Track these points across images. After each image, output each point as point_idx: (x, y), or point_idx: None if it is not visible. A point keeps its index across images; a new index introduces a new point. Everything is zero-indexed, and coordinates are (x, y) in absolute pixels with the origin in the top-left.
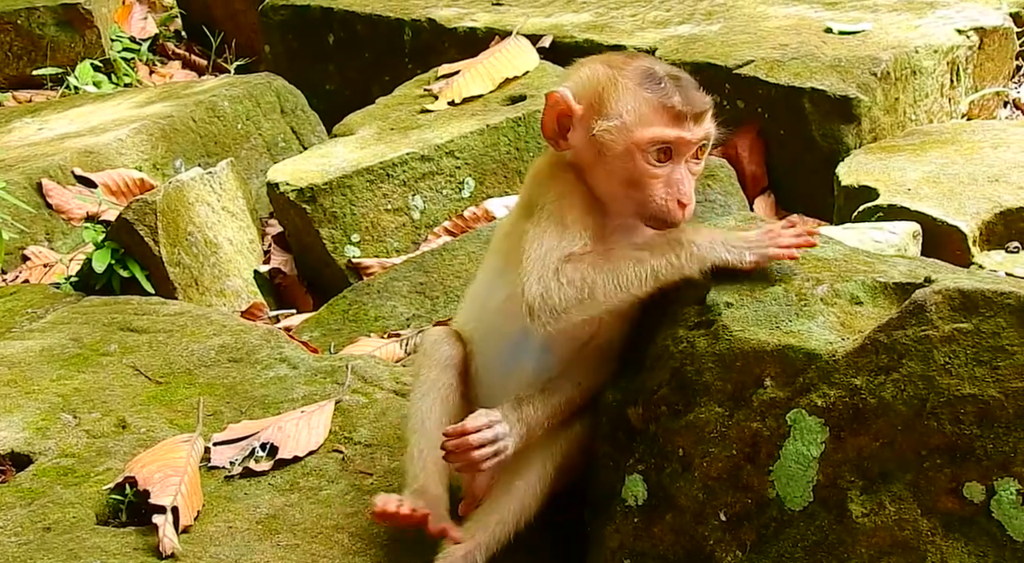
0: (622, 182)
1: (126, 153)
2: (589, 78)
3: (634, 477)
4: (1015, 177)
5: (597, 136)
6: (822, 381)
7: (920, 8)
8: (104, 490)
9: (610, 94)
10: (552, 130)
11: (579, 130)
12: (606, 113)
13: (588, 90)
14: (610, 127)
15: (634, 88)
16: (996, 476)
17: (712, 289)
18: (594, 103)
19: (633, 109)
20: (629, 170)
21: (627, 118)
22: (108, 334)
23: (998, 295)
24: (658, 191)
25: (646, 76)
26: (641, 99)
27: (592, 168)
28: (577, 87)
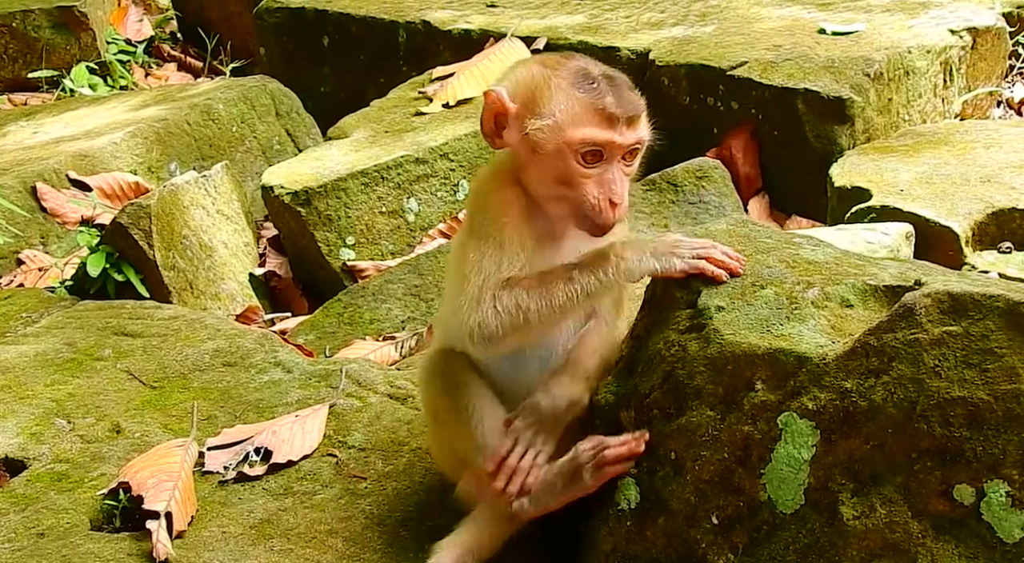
0: (555, 181)
1: (121, 156)
2: (524, 77)
3: (627, 481)
4: (1007, 177)
5: (530, 135)
6: (813, 384)
7: (913, 8)
8: (98, 496)
9: (543, 93)
10: (489, 128)
11: (513, 129)
12: (539, 112)
13: (523, 89)
14: (542, 126)
15: (567, 88)
16: (986, 478)
17: (703, 292)
18: (528, 102)
19: (565, 109)
20: (561, 169)
21: (559, 117)
22: (102, 339)
23: (987, 298)
24: (590, 191)
25: (580, 76)
26: (574, 99)
27: (526, 167)
28: (512, 86)
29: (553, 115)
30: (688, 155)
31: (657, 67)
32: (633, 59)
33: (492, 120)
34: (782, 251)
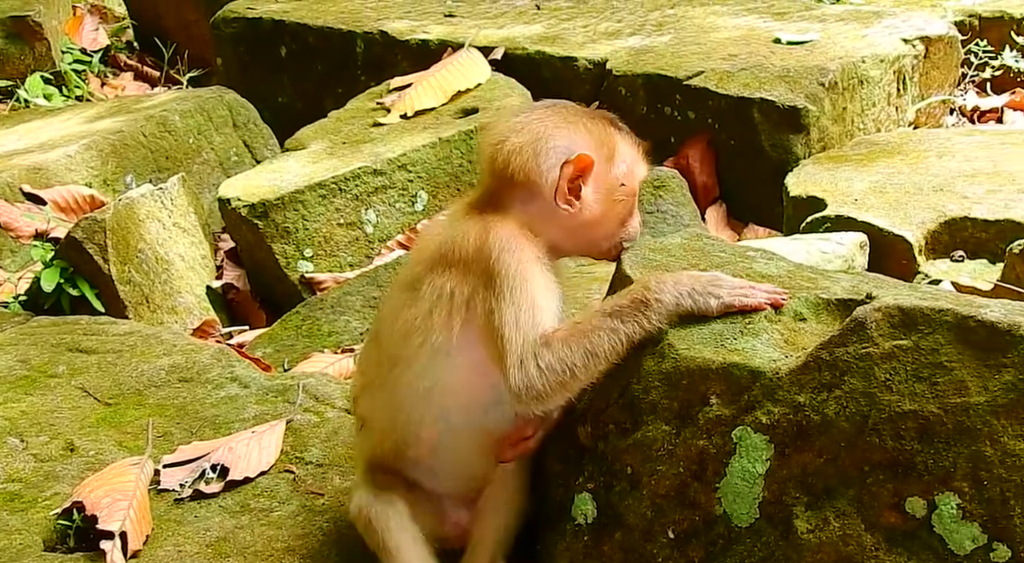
0: (619, 222)
1: (76, 169)
2: (588, 133)
3: (583, 495)
4: (959, 186)
5: (614, 183)
6: (766, 398)
7: (867, 18)
8: (51, 516)
9: (613, 143)
10: (565, 193)
11: (593, 183)
12: (614, 161)
13: (595, 143)
14: (617, 176)
15: (617, 134)
16: (937, 491)
17: None
18: (607, 155)
19: (631, 153)
20: (631, 206)
21: (630, 163)
22: (56, 355)
23: (936, 312)
24: (629, 218)
25: (618, 124)
26: (628, 143)
27: (592, 220)
28: (584, 143)
29: (626, 161)
30: None
31: (614, 77)
32: (590, 69)
33: (572, 180)
34: (736, 265)
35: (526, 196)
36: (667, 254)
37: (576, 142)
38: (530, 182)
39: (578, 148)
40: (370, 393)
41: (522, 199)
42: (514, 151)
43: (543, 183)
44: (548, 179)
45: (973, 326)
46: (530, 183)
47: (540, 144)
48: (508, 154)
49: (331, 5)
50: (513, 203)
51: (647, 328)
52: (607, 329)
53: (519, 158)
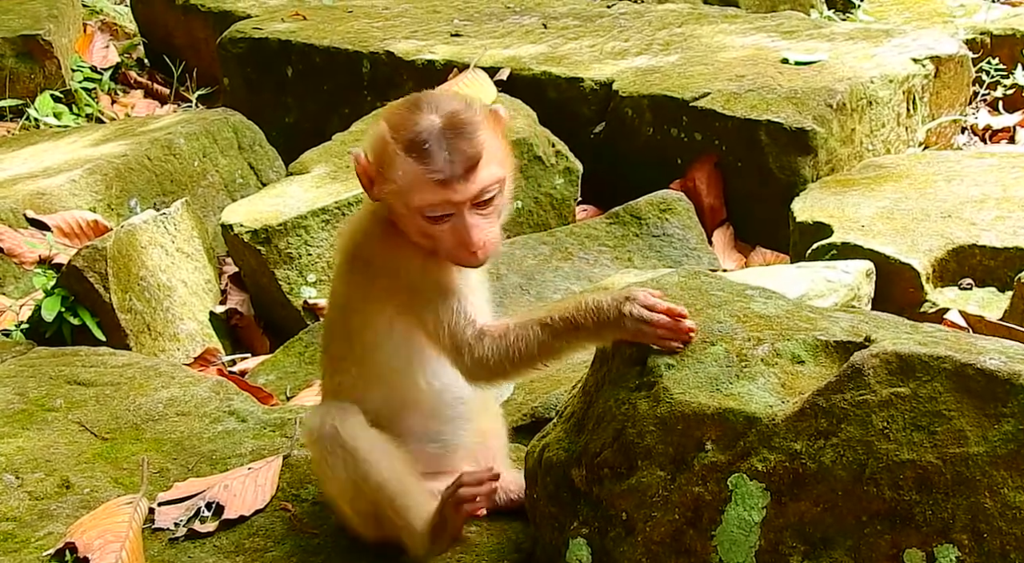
0: (418, 235)
1: (79, 194)
2: (373, 138)
3: (578, 540)
4: (968, 212)
5: (384, 198)
6: (763, 445)
7: (876, 36)
8: (44, 556)
9: (385, 158)
10: (364, 184)
11: (376, 188)
12: (384, 176)
13: (373, 151)
14: (389, 191)
15: (401, 154)
16: (936, 542)
17: (653, 349)
18: (377, 165)
19: (402, 175)
20: (416, 226)
21: (399, 183)
22: (54, 388)
23: (934, 359)
24: (447, 243)
25: (411, 140)
26: (407, 166)
27: (397, 221)
28: (367, 146)
29: (395, 181)
30: (652, 187)
31: (621, 98)
32: (596, 90)
33: (362, 178)
34: (733, 305)
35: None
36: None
37: (368, 145)
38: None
39: (363, 151)
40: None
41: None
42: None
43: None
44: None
45: (972, 374)
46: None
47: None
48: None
49: (338, 25)
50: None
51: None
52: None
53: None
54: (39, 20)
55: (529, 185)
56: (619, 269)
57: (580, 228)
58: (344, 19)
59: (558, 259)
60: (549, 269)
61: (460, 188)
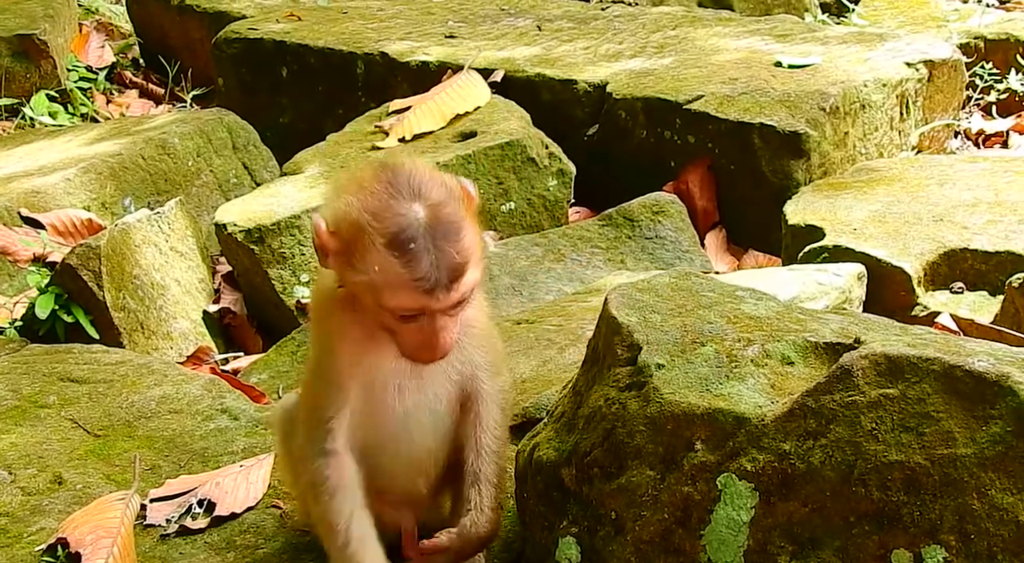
0: (376, 324)
1: (74, 193)
2: (345, 215)
3: (568, 539)
4: (959, 216)
5: (348, 285)
6: (751, 445)
7: (869, 41)
8: (36, 551)
9: (359, 244)
10: (320, 248)
11: (335, 263)
12: (355, 264)
13: (343, 229)
14: (359, 281)
15: (382, 250)
16: (923, 543)
17: (643, 349)
18: (346, 247)
19: (380, 271)
20: (379, 319)
21: (374, 277)
22: (47, 385)
23: (923, 361)
24: (409, 341)
25: (396, 237)
26: (388, 264)
27: (357, 301)
28: (334, 221)
29: (367, 273)
30: (645, 189)
31: (614, 100)
32: (590, 92)
33: (320, 250)
34: (724, 306)
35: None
36: (655, 294)
37: (336, 219)
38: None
39: (327, 222)
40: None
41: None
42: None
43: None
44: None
45: (960, 376)
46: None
47: (333, 188)
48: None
49: (332, 26)
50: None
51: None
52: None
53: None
54: (35, 19)
55: (522, 186)
56: (612, 271)
57: (573, 230)
58: (339, 20)
59: (551, 260)
60: (542, 270)
61: (442, 297)
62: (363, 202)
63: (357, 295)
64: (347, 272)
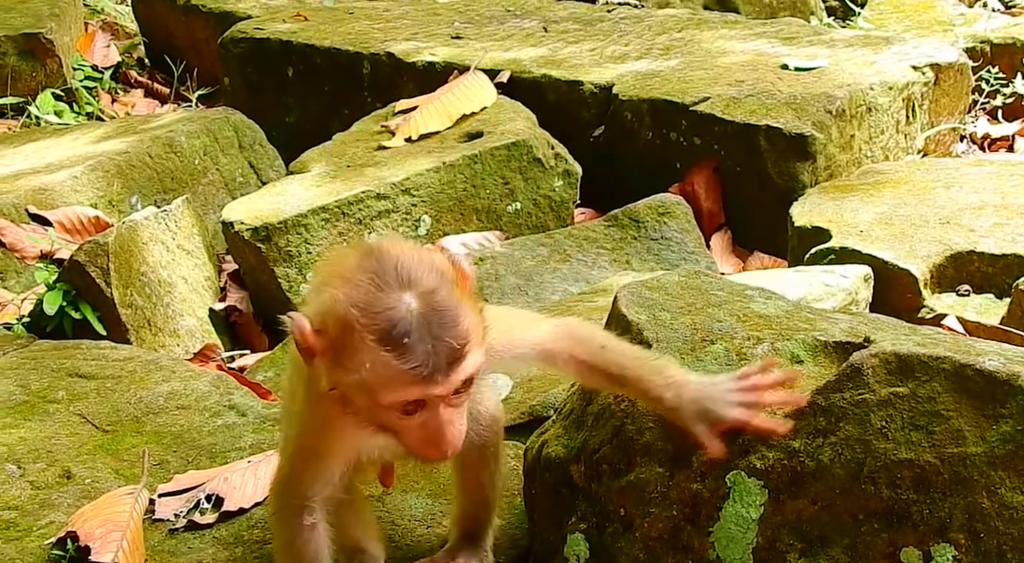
0: (374, 425)
1: (81, 190)
2: (330, 311)
3: (576, 536)
4: (966, 219)
5: (339, 387)
6: (761, 443)
7: (876, 43)
8: (46, 545)
9: (348, 343)
10: (305, 349)
11: (323, 364)
12: (344, 364)
13: (330, 327)
14: (350, 382)
15: (373, 346)
16: (933, 541)
17: (653, 347)
18: (334, 347)
19: (372, 368)
20: (377, 420)
21: (366, 376)
22: (56, 380)
23: (934, 359)
24: (413, 438)
25: (387, 334)
26: (380, 359)
27: (349, 406)
28: (319, 319)
29: (359, 372)
30: (650, 190)
31: (620, 101)
32: (596, 93)
33: (304, 350)
34: (733, 304)
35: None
36: (664, 292)
37: (321, 317)
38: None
39: (311, 322)
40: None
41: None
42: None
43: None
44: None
45: (971, 375)
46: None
47: (316, 280)
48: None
49: (339, 26)
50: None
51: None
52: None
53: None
54: (41, 19)
55: (528, 187)
56: (617, 271)
57: (579, 230)
58: (345, 20)
59: (556, 261)
60: (547, 270)
61: (443, 382)
62: (349, 296)
63: (349, 398)
64: (337, 372)
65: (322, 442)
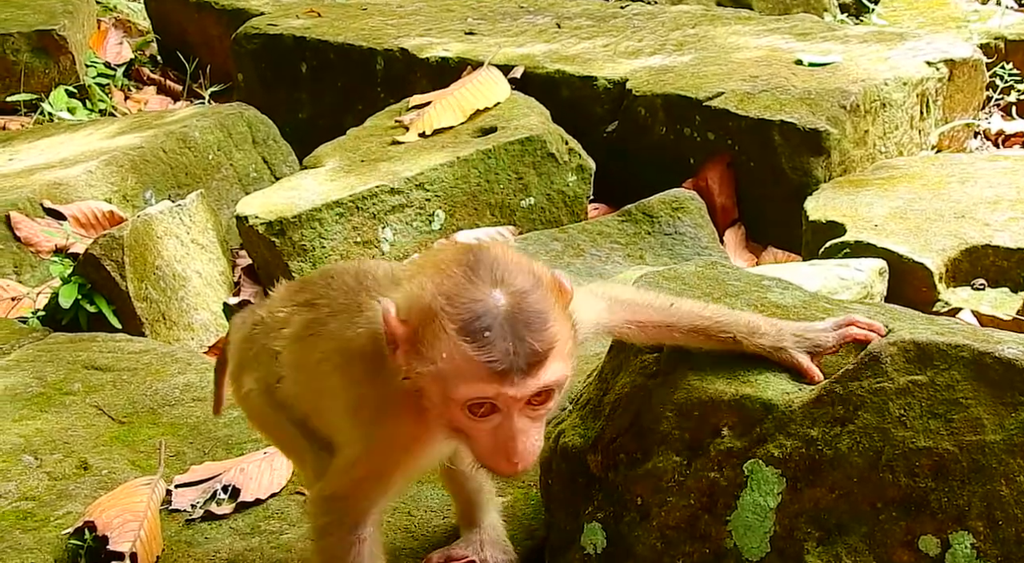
0: (446, 426)
1: (96, 185)
2: (417, 300)
3: (593, 525)
4: (981, 213)
5: (415, 378)
6: (779, 431)
7: (890, 40)
8: (63, 535)
9: (428, 331)
10: (388, 336)
11: (403, 354)
12: (422, 353)
13: (414, 315)
14: (425, 372)
15: (453, 335)
16: (951, 529)
17: None
18: (415, 334)
19: (448, 358)
20: (449, 418)
21: (442, 367)
22: (72, 372)
23: (952, 348)
24: (484, 445)
25: (469, 322)
26: (457, 349)
27: (424, 404)
28: (405, 306)
29: (435, 362)
30: (664, 185)
31: (634, 97)
32: (610, 88)
33: (390, 338)
34: (751, 294)
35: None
36: (681, 282)
37: (407, 305)
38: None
39: (397, 308)
40: None
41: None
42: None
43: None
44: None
45: (990, 363)
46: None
47: (410, 270)
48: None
49: (352, 22)
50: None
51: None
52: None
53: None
54: (54, 15)
55: (542, 182)
56: (631, 266)
57: (592, 225)
58: (358, 16)
59: (570, 255)
60: (561, 265)
61: (519, 383)
62: (438, 285)
63: (423, 390)
64: (414, 361)
65: (391, 456)
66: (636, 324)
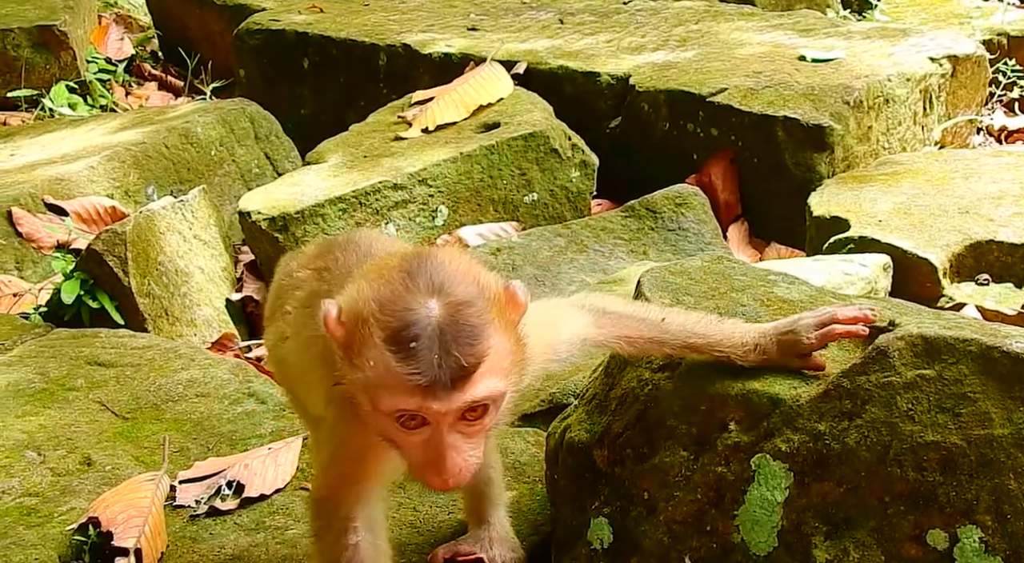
0: (379, 434)
1: (97, 180)
2: (354, 302)
3: (599, 520)
4: (985, 209)
5: (346, 383)
6: (786, 426)
7: (893, 35)
8: (67, 531)
9: (359, 336)
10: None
11: (340, 357)
12: (352, 359)
13: (350, 318)
14: (354, 380)
15: (379, 343)
16: (959, 523)
17: None
18: (349, 338)
19: (373, 367)
20: (380, 428)
21: (369, 375)
22: (75, 368)
23: (960, 342)
24: (414, 457)
25: (396, 332)
26: (382, 358)
27: (358, 409)
28: (344, 307)
29: (363, 370)
30: (667, 181)
31: (637, 93)
32: (613, 84)
33: (333, 341)
34: (756, 289)
35: None
36: (687, 277)
37: (347, 307)
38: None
39: (344, 309)
40: None
41: None
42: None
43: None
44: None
45: (998, 357)
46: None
47: (362, 271)
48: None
49: (354, 18)
50: None
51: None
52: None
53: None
54: (55, 11)
55: (545, 178)
56: (634, 262)
57: (595, 221)
58: (361, 12)
59: (573, 251)
60: (564, 261)
61: (444, 398)
62: (375, 290)
63: (355, 396)
64: (346, 367)
65: (357, 457)
66: (625, 339)
